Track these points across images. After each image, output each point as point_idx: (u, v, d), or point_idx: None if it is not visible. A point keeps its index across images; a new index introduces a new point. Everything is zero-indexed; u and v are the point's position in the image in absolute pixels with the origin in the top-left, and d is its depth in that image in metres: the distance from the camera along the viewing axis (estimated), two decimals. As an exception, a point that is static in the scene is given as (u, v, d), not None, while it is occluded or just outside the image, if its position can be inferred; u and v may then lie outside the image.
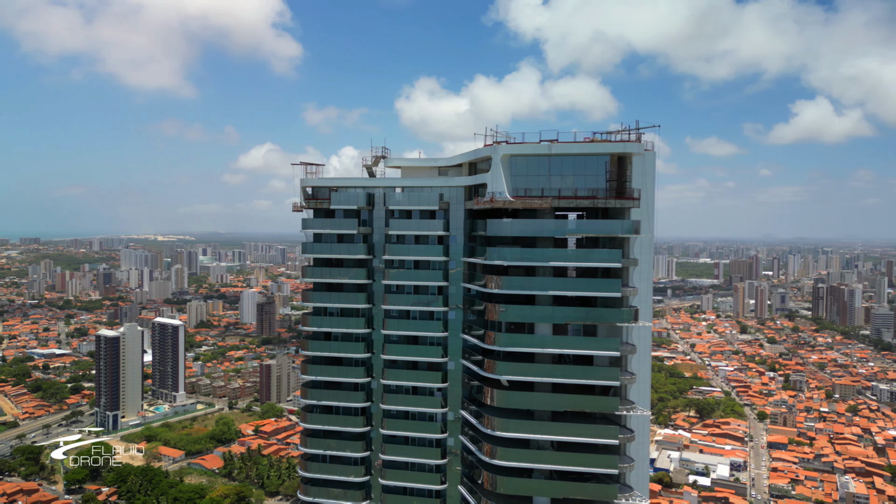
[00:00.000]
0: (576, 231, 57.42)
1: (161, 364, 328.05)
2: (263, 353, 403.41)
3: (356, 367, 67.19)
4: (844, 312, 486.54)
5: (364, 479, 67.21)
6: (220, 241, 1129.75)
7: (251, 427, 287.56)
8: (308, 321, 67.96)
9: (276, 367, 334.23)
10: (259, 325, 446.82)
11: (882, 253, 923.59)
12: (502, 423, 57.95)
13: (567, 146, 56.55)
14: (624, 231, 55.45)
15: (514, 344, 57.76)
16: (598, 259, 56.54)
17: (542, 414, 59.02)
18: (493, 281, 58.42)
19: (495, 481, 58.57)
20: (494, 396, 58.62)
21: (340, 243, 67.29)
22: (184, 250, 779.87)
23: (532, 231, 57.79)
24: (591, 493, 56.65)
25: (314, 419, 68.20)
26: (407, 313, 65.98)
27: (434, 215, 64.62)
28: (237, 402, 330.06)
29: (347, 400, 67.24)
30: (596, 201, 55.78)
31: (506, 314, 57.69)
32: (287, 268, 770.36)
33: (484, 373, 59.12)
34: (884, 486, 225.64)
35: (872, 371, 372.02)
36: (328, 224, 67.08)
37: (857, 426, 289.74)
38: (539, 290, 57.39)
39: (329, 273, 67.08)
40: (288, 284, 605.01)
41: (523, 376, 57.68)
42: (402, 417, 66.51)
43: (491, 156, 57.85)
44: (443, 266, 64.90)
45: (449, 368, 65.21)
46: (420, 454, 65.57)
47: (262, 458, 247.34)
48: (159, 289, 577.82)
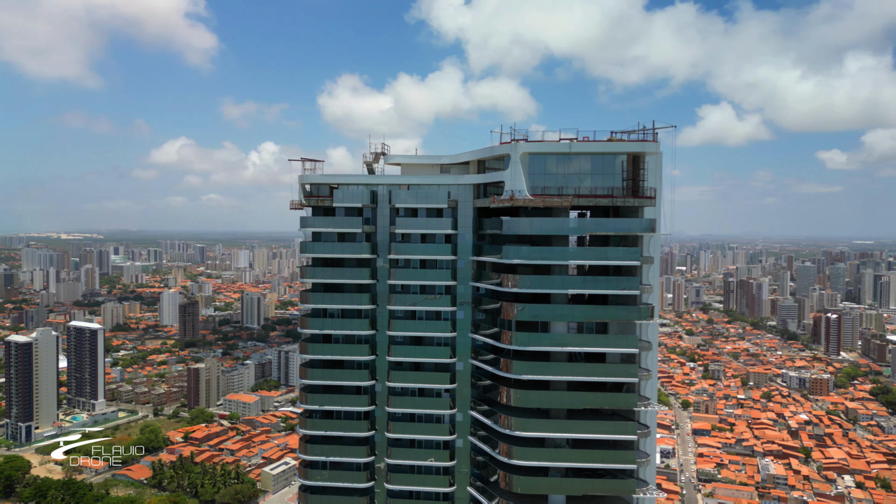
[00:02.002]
0: (595, 229, 57.83)
1: (78, 371, 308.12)
2: (188, 356, 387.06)
3: (359, 369, 65.02)
4: (753, 304, 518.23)
5: (368, 484, 65.19)
6: (131, 239, 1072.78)
7: (180, 434, 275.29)
8: (307, 323, 65.12)
9: (204, 371, 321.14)
10: (182, 327, 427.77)
11: (781, 248, 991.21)
12: (520, 422, 57.67)
13: (586, 145, 56.79)
14: (641, 229, 56.36)
15: (533, 343, 57.54)
16: (616, 257, 57.16)
17: (557, 412, 59.18)
18: (509, 279, 57.97)
19: (512, 481, 58.23)
20: (511, 396, 58.21)
21: (342, 242, 64.90)
22: (93, 249, 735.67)
23: (551, 229, 57.72)
24: (611, 489, 57.36)
25: (314, 424, 65.46)
26: (413, 313, 64.39)
27: (441, 213, 63.39)
28: (163, 409, 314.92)
29: (350, 404, 64.95)
30: (615, 200, 56.38)
31: (523, 313, 57.39)
32: (207, 267, 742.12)
33: (500, 372, 58.60)
34: (799, 466, 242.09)
35: (781, 359, 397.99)
36: (329, 222, 64.50)
37: (772, 411, 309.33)
38: (559, 288, 57.49)
39: (332, 273, 64.51)
40: (210, 284, 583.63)
41: (543, 375, 57.59)
42: (407, 420, 64.95)
43: (509, 153, 57.28)
44: (451, 265, 63.75)
45: (457, 369, 64.19)
46: (427, 457, 64.22)
47: (194, 465, 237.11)
48: (68, 290, 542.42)
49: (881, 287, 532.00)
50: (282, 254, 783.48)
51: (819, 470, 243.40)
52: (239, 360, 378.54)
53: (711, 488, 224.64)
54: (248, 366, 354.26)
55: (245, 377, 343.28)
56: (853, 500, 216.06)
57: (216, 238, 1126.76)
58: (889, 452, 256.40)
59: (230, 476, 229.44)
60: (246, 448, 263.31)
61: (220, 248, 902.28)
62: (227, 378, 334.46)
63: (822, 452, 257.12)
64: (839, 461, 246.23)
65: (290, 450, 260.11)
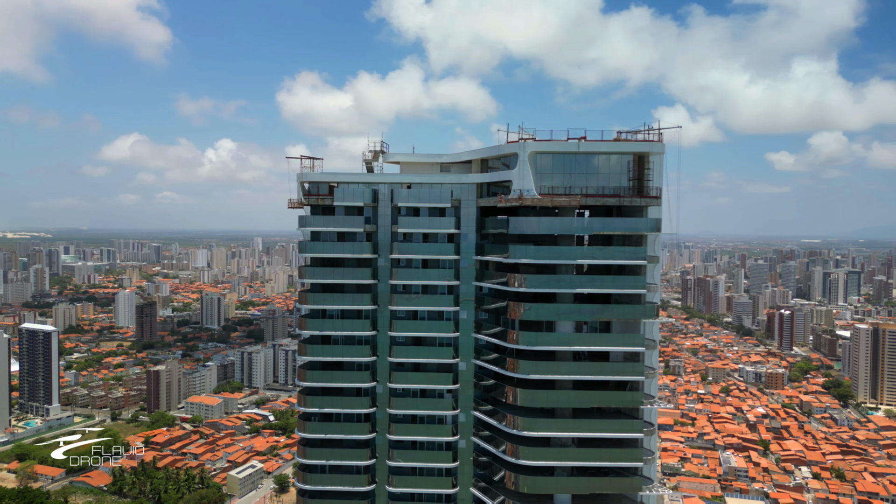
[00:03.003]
0: (602, 229, 57.98)
1: (31, 374, 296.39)
2: (146, 358, 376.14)
3: (360, 371, 63.94)
4: (710, 302, 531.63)
5: (369, 487, 64.16)
6: (82, 238, 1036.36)
7: (140, 438, 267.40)
8: (306, 324, 63.68)
9: (165, 373, 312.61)
10: (139, 329, 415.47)
11: (734, 247, 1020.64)
12: (527, 422, 57.57)
13: (595, 144, 57.06)
14: (648, 229, 56.91)
15: (542, 342, 57.52)
16: (624, 256, 57.63)
17: (563, 411, 59.31)
18: (515, 279, 57.80)
19: (518, 480, 58.12)
20: (518, 396, 58.08)
21: (343, 242, 63.70)
22: (42, 248, 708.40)
23: (560, 229, 57.78)
24: (618, 487, 57.80)
25: (313, 428, 64.08)
26: (415, 314, 63.64)
27: (444, 212, 62.80)
28: (121, 413, 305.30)
29: (351, 406, 63.84)
30: (622, 200, 56.81)
31: (530, 312, 57.30)
32: (163, 266, 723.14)
33: (507, 372, 58.39)
34: (759, 458, 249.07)
35: (738, 355, 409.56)
36: (330, 222, 63.20)
37: (731, 405, 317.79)
38: (567, 287, 57.53)
39: (332, 273, 63.25)
40: (167, 284, 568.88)
41: (551, 375, 57.61)
42: (409, 422, 64.15)
43: (516, 152, 57.07)
44: (454, 265, 63.21)
45: (460, 369, 63.68)
46: (430, 458, 63.60)
47: (156, 471, 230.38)
48: (16, 291, 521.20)
49: (830, 284, 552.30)
50: (241, 253, 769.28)
51: (777, 462, 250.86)
52: (200, 361, 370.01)
53: (676, 482, 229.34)
54: (209, 367, 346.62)
55: (207, 379, 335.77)
56: (811, 491, 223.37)
57: (172, 237, 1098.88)
58: (842, 444, 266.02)
59: (194, 481, 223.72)
60: (210, 452, 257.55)
61: (177, 247, 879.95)
62: (189, 380, 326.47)
63: (780, 445, 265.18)
64: (796, 453, 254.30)
65: (255, 453, 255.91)
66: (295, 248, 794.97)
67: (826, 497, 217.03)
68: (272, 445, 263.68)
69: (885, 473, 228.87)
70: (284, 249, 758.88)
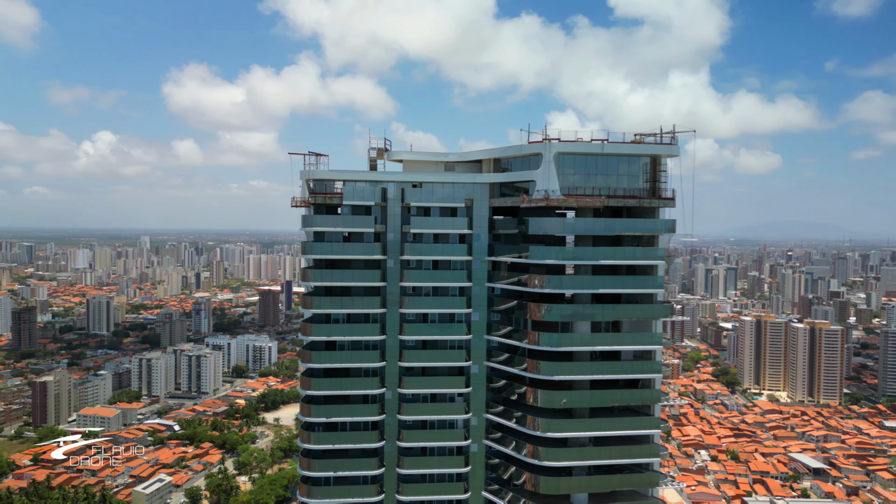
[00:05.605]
0: (623, 230, 58.70)
1: None
2: (26, 368, 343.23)
3: (368, 377, 61.18)
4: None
5: (378, 498, 61.53)
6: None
7: (28, 456, 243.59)
8: (310, 329, 60.10)
9: (52, 384, 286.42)
10: (16, 336, 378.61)
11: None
12: (547, 422, 57.48)
13: (617, 146, 57.90)
14: (665, 229, 58.48)
15: (564, 343, 57.59)
16: (643, 257, 58.81)
17: (581, 411, 59.75)
18: (535, 279, 57.55)
19: (538, 482, 57.94)
20: (539, 397, 57.84)
21: (349, 242, 60.67)
22: None
23: (583, 230, 58.07)
24: (636, 483, 58.98)
25: (319, 438, 60.56)
26: (425, 316, 61.71)
27: (455, 212, 61.37)
28: (2, 430, 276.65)
29: (358, 414, 60.92)
30: (641, 201, 58.04)
31: (551, 313, 57.23)
32: (38, 268, 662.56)
33: (527, 374, 58.03)
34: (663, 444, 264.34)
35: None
36: (337, 221, 59.99)
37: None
38: (589, 288, 57.96)
39: (340, 276, 60.00)
40: (43, 287, 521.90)
41: (572, 375, 57.84)
42: (419, 427, 62.12)
43: (541, 152, 56.72)
44: (466, 266, 61.90)
45: (472, 372, 62.47)
46: (441, 464, 61.95)
47: (50, 491, 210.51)
48: None
49: (711, 280, 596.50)
50: (127, 253, 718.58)
51: (679, 447, 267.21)
52: (90, 370, 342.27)
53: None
54: (103, 376, 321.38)
55: (101, 389, 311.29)
56: (711, 473, 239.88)
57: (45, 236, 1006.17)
58: (734, 427, 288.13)
59: (94, 500, 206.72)
60: (110, 468, 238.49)
61: (52, 246, 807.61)
62: (80, 391, 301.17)
63: (680, 431, 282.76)
64: (695, 437, 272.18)
65: (161, 465, 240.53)
66: (188, 248, 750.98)
67: (725, 478, 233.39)
68: (180, 457, 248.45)
69: (773, 453, 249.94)
70: (176, 249, 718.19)
